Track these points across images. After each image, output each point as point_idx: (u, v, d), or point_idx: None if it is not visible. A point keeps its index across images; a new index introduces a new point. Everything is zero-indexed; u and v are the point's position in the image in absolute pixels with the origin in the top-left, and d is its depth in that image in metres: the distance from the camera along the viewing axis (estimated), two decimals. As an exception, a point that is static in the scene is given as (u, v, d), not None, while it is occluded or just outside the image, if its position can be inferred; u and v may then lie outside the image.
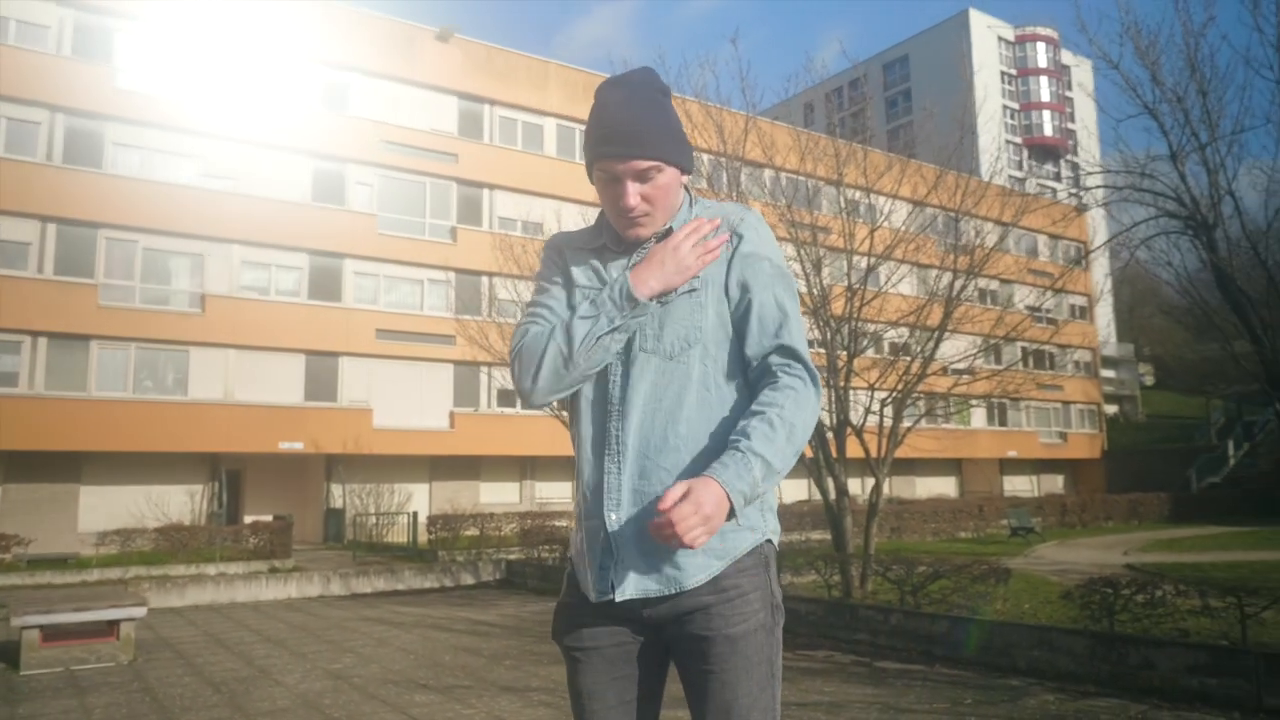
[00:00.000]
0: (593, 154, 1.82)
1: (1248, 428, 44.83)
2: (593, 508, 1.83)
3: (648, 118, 1.79)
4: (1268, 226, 8.27)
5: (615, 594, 1.77)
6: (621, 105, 1.80)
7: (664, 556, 1.76)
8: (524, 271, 19.14)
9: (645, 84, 1.85)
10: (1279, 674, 6.80)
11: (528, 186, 30.59)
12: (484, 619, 13.17)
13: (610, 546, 1.79)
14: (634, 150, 1.76)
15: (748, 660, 1.76)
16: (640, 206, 1.80)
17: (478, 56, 30.61)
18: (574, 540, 1.94)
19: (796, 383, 1.77)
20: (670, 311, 1.82)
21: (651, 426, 1.80)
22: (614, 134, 1.77)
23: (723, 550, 1.78)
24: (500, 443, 29.23)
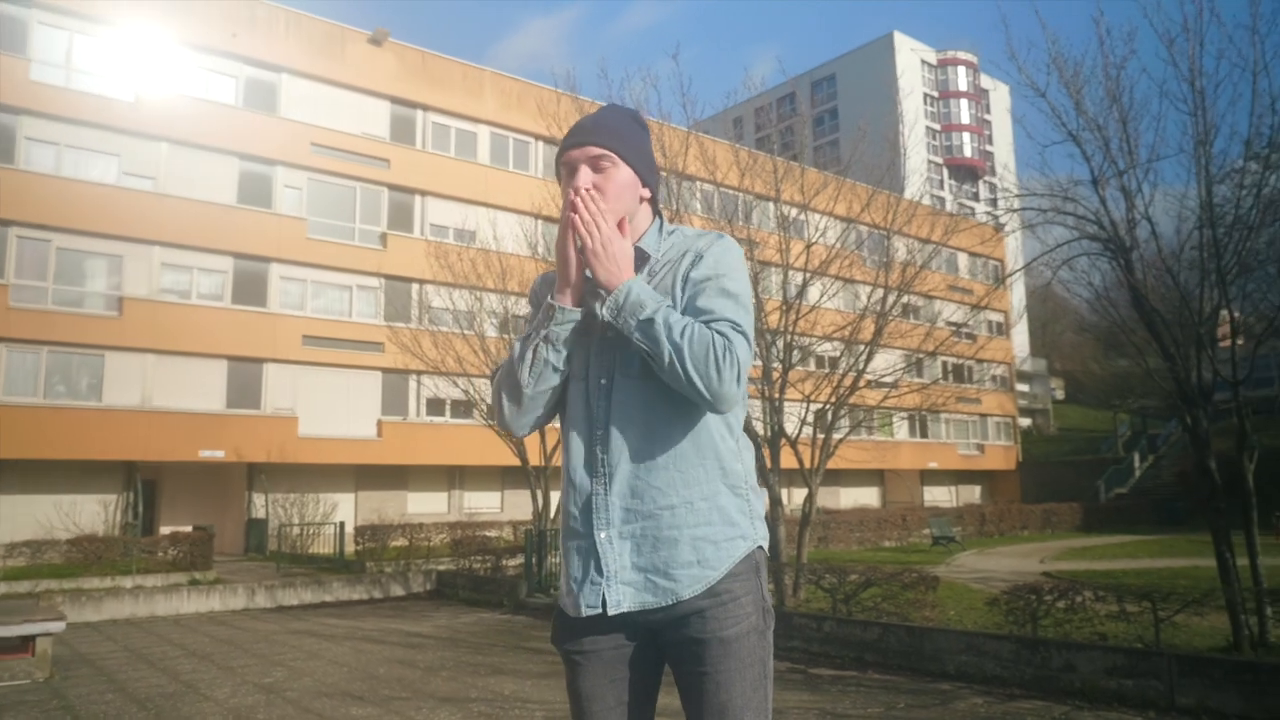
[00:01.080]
0: (558, 155, 1.97)
1: (1152, 440, 46.91)
2: (581, 527, 1.88)
3: (614, 122, 1.96)
4: (1180, 250, 8.77)
5: (609, 608, 1.82)
6: (593, 114, 2.00)
7: (658, 570, 1.83)
8: (458, 280, 19.02)
9: (624, 109, 2.03)
10: (1190, 674, 7.18)
11: (461, 194, 30.35)
12: (417, 630, 13.01)
13: (601, 563, 1.85)
14: (590, 137, 1.91)
15: (741, 662, 1.83)
16: (588, 192, 1.85)
17: (412, 61, 30.31)
18: (562, 560, 2.00)
19: (719, 334, 1.75)
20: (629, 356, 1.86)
21: (637, 446, 1.85)
22: (576, 129, 1.95)
23: (716, 560, 1.85)
24: (429, 452, 28.86)
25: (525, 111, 31.96)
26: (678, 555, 1.83)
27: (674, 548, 1.83)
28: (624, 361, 1.87)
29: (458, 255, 19.03)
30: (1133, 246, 8.66)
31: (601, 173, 1.90)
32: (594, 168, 1.90)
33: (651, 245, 1.96)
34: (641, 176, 1.95)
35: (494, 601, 15.94)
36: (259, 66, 27.20)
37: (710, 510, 1.86)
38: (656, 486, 1.84)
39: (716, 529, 1.86)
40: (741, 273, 1.90)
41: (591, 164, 1.90)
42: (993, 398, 47.01)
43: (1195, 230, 8.64)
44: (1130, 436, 49.39)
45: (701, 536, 1.85)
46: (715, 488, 1.88)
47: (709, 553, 1.84)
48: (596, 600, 1.84)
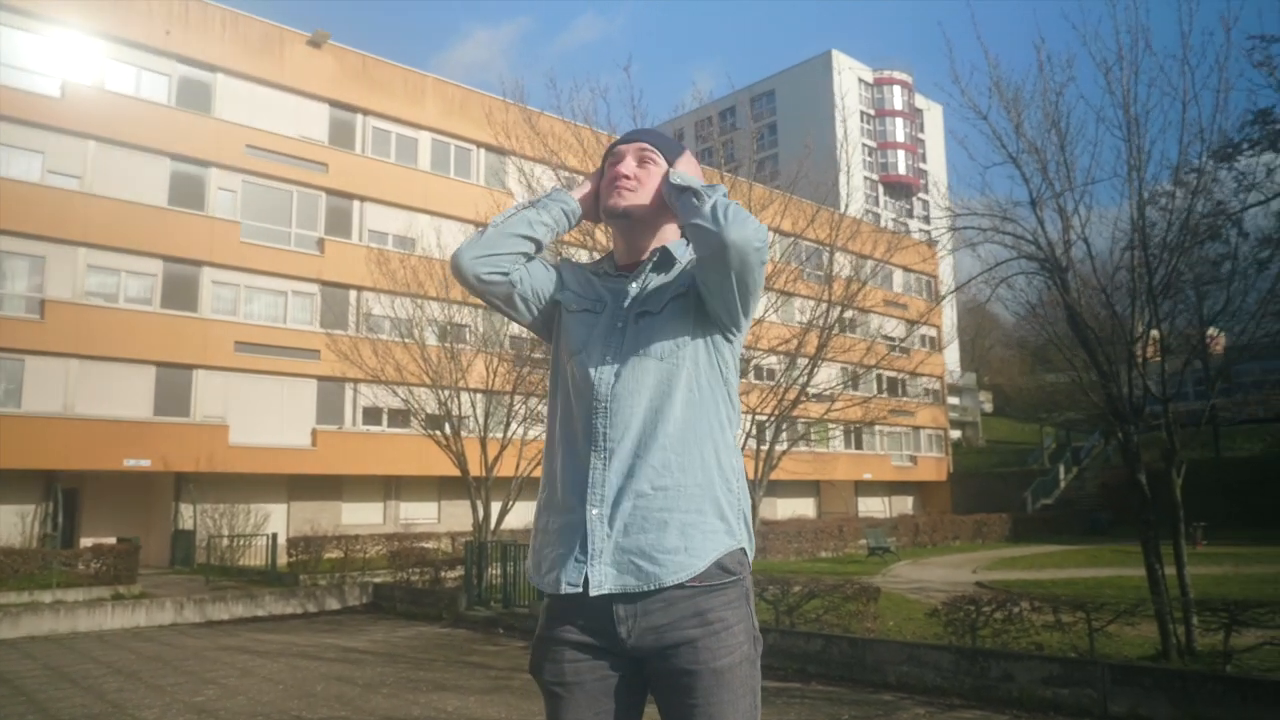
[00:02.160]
0: (608, 152, 2.13)
1: (1075, 453, 48.38)
2: (569, 500, 1.87)
3: (660, 134, 2.16)
4: (1113, 271, 9.08)
5: (591, 588, 1.78)
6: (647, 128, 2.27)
7: (643, 553, 1.80)
8: (400, 287, 18.74)
9: (667, 133, 2.22)
10: (1123, 683, 7.41)
11: (401, 200, 29.95)
12: (354, 646, 12.73)
13: (587, 540, 1.81)
14: (639, 136, 2.11)
15: (733, 693, 1.79)
16: (631, 176, 2.03)
17: (352, 65, 29.85)
18: (537, 534, 1.97)
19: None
20: (661, 317, 1.93)
21: (641, 425, 1.86)
22: (627, 135, 2.14)
23: (702, 549, 1.82)
24: (365, 462, 28.33)
25: (468, 119, 31.73)
26: (665, 539, 1.80)
27: (663, 531, 1.81)
28: (635, 342, 1.92)
29: (400, 262, 18.75)
30: (1068, 266, 8.93)
31: (643, 165, 2.05)
32: (638, 159, 2.05)
33: (679, 251, 2.05)
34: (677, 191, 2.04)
35: (433, 615, 15.69)
36: (193, 65, 26.50)
37: (703, 498, 1.85)
38: (653, 466, 1.83)
39: (707, 519, 1.85)
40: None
41: (637, 155, 2.06)
42: (925, 411, 48.01)
43: (1126, 252, 8.95)
44: (1055, 449, 50.86)
45: (690, 523, 1.82)
46: (710, 476, 1.87)
47: (696, 540, 1.82)
48: (578, 578, 1.80)
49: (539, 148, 12.82)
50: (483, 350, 18.26)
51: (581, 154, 12.57)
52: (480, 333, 18.80)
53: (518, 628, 13.92)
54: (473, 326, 19.26)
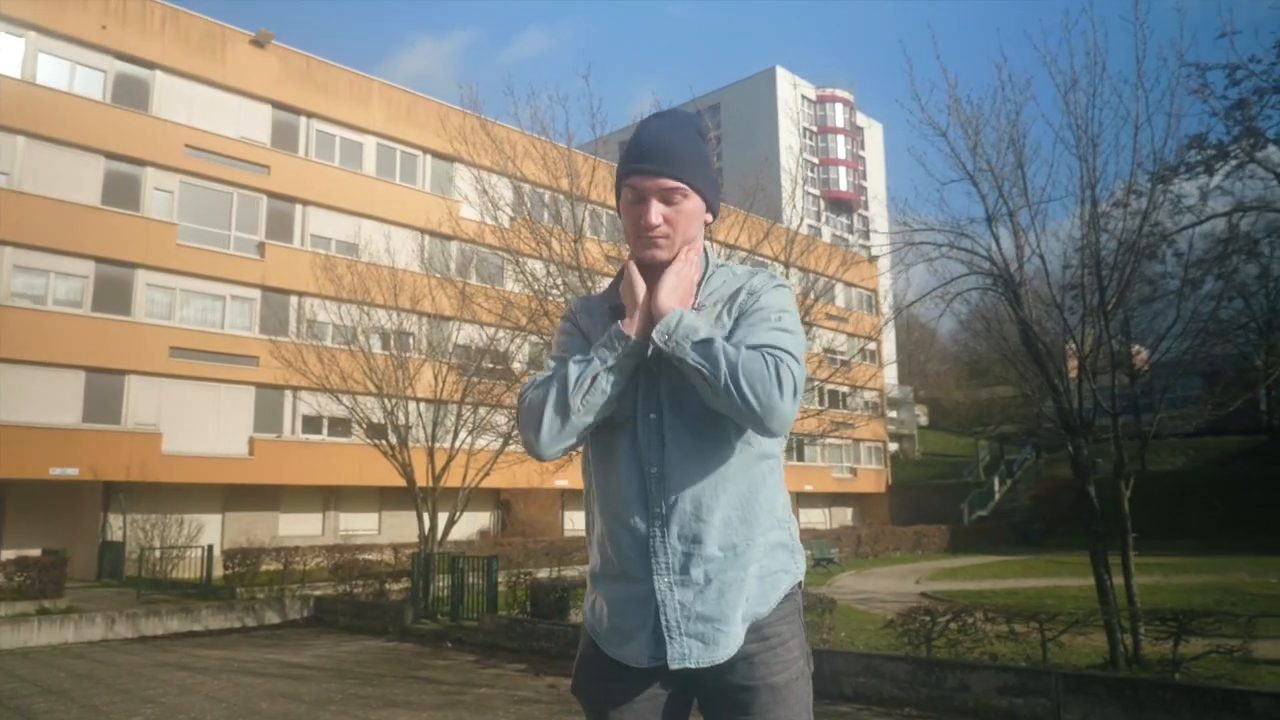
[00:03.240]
0: (623, 171, 1.85)
1: (1009, 466, 49.60)
2: (633, 571, 1.79)
3: (683, 144, 1.83)
4: (1065, 288, 9.31)
5: (672, 663, 1.73)
6: (659, 130, 1.85)
7: (723, 618, 1.75)
8: (346, 293, 18.36)
9: (687, 119, 1.90)
10: (1076, 691, 7.55)
11: (345, 205, 29.43)
12: (298, 661, 12.38)
13: (663, 613, 1.75)
14: (663, 168, 1.79)
15: (790, 709, 1.77)
16: (661, 227, 1.80)
17: (296, 66, 29.28)
18: (598, 602, 1.89)
19: (769, 358, 1.70)
20: (680, 392, 1.79)
21: (695, 486, 1.77)
22: (646, 152, 1.81)
23: (772, 598, 1.80)
24: (303, 471, 27.67)
25: (415, 124, 31.37)
26: (744, 595, 1.77)
27: (739, 590, 1.77)
28: (673, 400, 1.79)
29: (347, 268, 18.39)
30: (1022, 282, 9.13)
31: (673, 205, 1.82)
32: (665, 200, 1.81)
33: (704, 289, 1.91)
34: (708, 203, 1.88)
35: (378, 629, 15.35)
36: (130, 62, 25.71)
37: (767, 549, 1.82)
38: (717, 527, 1.76)
39: (774, 566, 1.83)
40: (794, 313, 1.86)
41: (663, 197, 1.81)
42: (864, 423, 48.78)
43: (1079, 270, 9.19)
44: (990, 461, 52.07)
45: (759, 575, 1.80)
46: (769, 523, 1.83)
47: (768, 591, 1.81)
48: (661, 652, 1.75)
49: (495, 155, 12.69)
50: (431, 358, 17.97)
51: (540, 162, 12.49)
52: (427, 341, 18.51)
53: (467, 641, 13.69)
54: (418, 335, 18.98)
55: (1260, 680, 7.78)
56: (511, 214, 14.22)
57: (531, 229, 12.71)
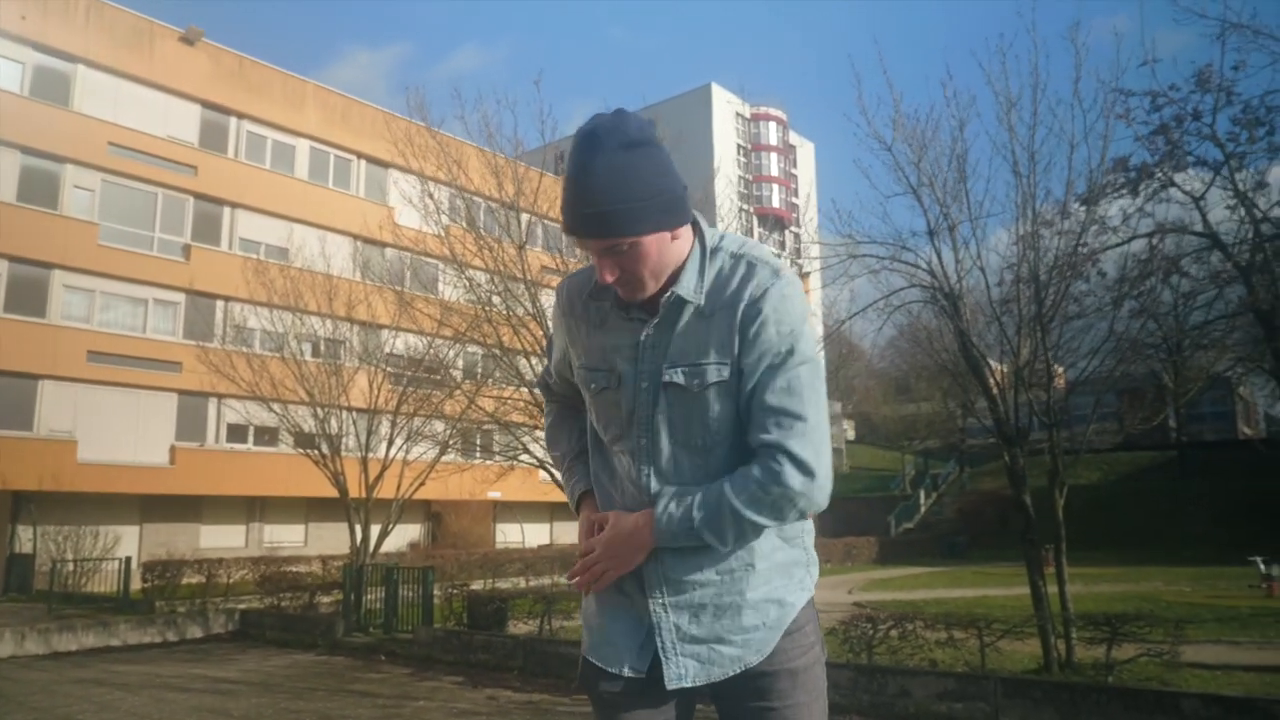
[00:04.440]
0: (562, 227, 1.71)
1: (934, 479, 50.77)
2: (625, 586, 1.76)
3: (609, 192, 1.58)
4: (1003, 300, 9.58)
5: (669, 683, 1.70)
6: (578, 177, 1.61)
7: (722, 639, 1.72)
8: (278, 299, 17.91)
9: (610, 142, 1.60)
10: (1013, 696, 7.72)
11: (275, 209, 28.73)
12: (224, 676, 11.95)
13: (658, 634, 1.72)
14: (591, 231, 1.61)
15: (809, 694, 1.76)
16: (620, 276, 1.65)
17: (227, 65, 28.54)
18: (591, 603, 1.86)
19: (766, 473, 1.63)
20: (698, 402, 1.69)
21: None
22: (572, 216, 1.62)
23: (781, 618, 1.76)
24: (228, 481, 26.82)
25: (350, 129, 30.86)
26: (741, 621, 1.73)
27: (737, 614, 1.72)
28: (671, 431, 1.71)
29: (280, 273, 17.93)
30: (961, 295, 9.36)
31: (622, 256, 1.63)
32: (613, 256, 1.63)
33: (690, 287, 1.69)
34: (668, 226, 1.65)
35: (307, 642, 14.92)
36: (51, 54, 24.74)
37: (769, 570, 1.76)
38: (709, 550, 1.71)
39: (778, 588, 1.76)
40: (802, 322, 1.68)
41: (609, 254, 1.63)
42: (796, 436, 49.40)
43: (1013, 285, 9.46)
44: (916, 475, 53.19)
45: (764, 598, 1.74)
46: (772, 544, 1.76)
47: (773, 613, 1.75)
48: (644, 666, 1.73)
49: (441, 157, 12.54)
50: (366, 365, 17.63)
51: (485, 169, 12.38)
52: (364, 347, 18.16)
53: (401, 654, 13.40)
54: (350, 342, 18.61)
55: (1187, 682, 8.07)
56: (453, 220, 14.07)
57: (476, 236, 12.59)
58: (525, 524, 35.51)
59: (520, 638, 12.42)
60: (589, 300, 1.80)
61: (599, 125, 1.62)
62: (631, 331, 1.73)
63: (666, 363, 1.70)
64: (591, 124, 1.64)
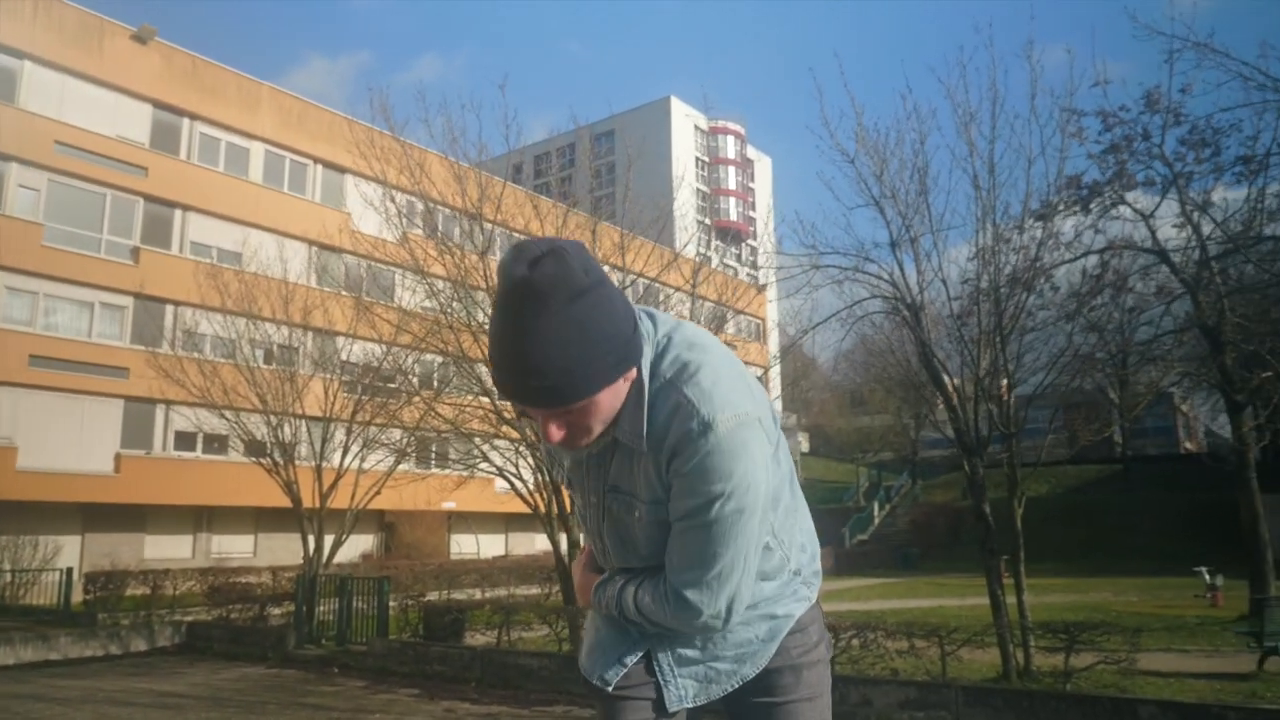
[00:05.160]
0: (499, 391, 1.53)
1: (887, 491, 51.35)
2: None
3: (559, 359, 1.41)
4: (962, 310, 9.71)
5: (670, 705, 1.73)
6: (524, 340, 1.41)
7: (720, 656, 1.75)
8: (233, 304, 17.52)
9: (557, 298, 1.40)
10: (975, 704, 7.78)
11: (229, 212, 28.18)
12: (172, 690, 11.61)
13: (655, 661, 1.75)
14: (540, 403, 1.46)
15: (813, 689, 1.78)
16: (566, 436, 1.54)
17: (181, 65, 27.97)
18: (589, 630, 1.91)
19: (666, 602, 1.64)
20: (632, 527, 1.68)
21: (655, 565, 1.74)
22: (518, 387, 1.45)
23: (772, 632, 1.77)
24: (174, 490, 26.14)
25: (306, 132, 30.45)
26: (736, 636, 1.75)
27: (725, 635, 1.74)
28: (615, 526, 1.72)
29: (235, 277, 17.57)
30: (922, 306, 9.46)
31: (571, 415, 1.50)
32: (561, 418, 1.51)
33: (627, 432, 1.58)
34: (621, 374, 1.51)
35: (257, 654, 14.57)
36: (-3, 48, 24.07)
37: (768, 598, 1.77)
38: None
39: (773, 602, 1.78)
40: (723, 479, 1.50)
41: (557, 417, 1.51)
42: (752, 448, 49.64)
43: (972, 299, 9.59)
44: (869, 487, 53.73)
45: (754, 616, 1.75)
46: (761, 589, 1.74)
47: (764, 628, 1.77)
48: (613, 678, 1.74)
49: (404, 160, 12.39)
50: (322, 372, 17.32)
51: (448, 174, 12.26)
52: (320, 352, 17.84)
53: (355, 666, 13.14)
54: (308, 348, 18.27)
55: (1142, 690, 8.20)
56: (413, 225, 13.91)
57: (437, 241, 12.46)
58: (480, 535, 35.16)
59: (478, 649, 12.26)
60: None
61: (540, 278, 1.39)
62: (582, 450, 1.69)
63: (608, 485, 1.70)
64: (528, 273, 1.40)
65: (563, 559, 12.99)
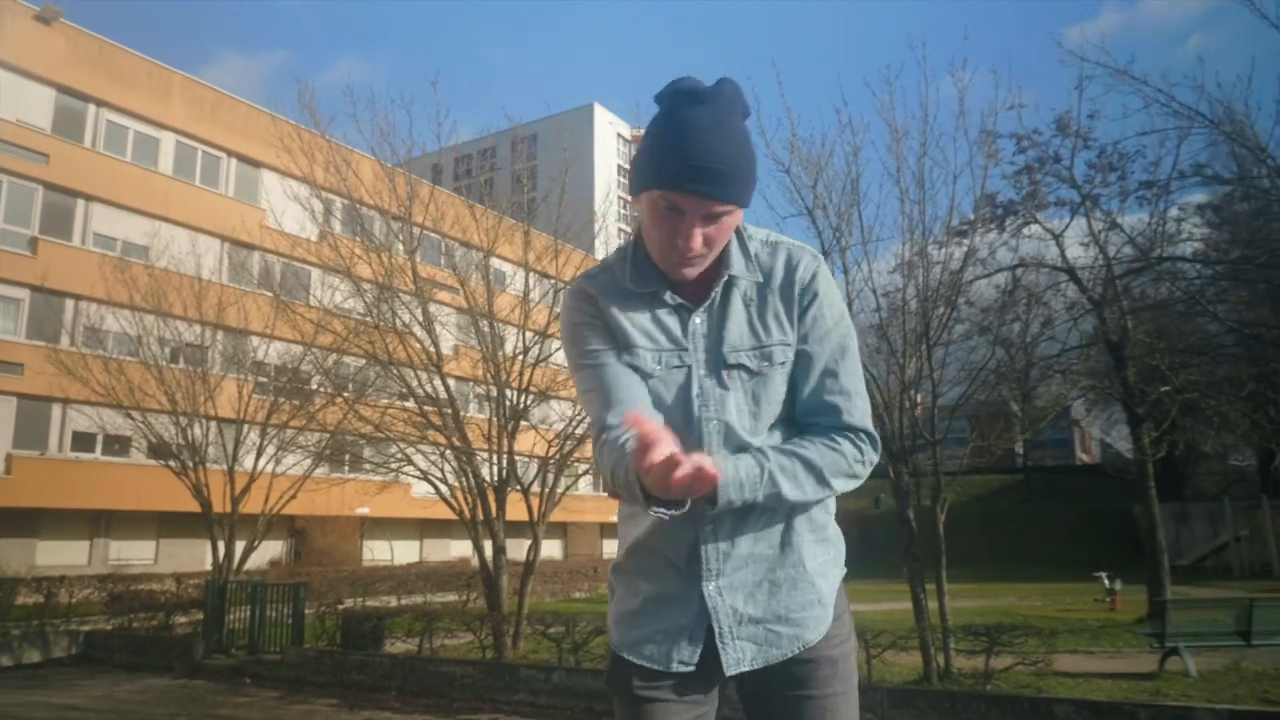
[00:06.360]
0: (664, 180, 1.56)
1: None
2: (673, 572, 1.67)
3: (737, 153, 1.56)
4: (888, 317, 9.96)
5: (728, 669, 1.63)
6: (709, 132, 1.54)
7: (780, 618, 1.66)
8: (141, 300, 16.77)
9: (733, 106, 1.59)
10: (900, 705, 7.95)
11: (136, 204, 27.02)
12: (70, 703, 11.03)
13: (715, 619, 1.64)
14: (716, 192, 1.55)
15: (846, 684, 1.71)
16: (700, 250, 1.60)
17: (87, 49, 26.73)
18: (628, 600, 1.74)
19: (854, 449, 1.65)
20: (765, 382, 1.66)
21: None
22: (700, 170, 1.53)
23: (829, 593, 1.72)
24: (70, 494, 24.88)
25: (220, 124, 29.47)
26: (797, 596, 1.68)
27: (793, 589, 1.68)
28: (735, 400, 1.65)
29: (145, 272, 16.85)
30: (853, 315, 9.67)
31: (716, 224, 1.60)
32: (710, 220, 1.59)
33: (742, 267, 1.70)
34: (749, 202, 1.66)
35: (161, 665, 13.95)
36: (-118, 23, 22.65)
37: (817, 543, 1.73)
38: (768, 523, 1.66)
39: (826, 561, 1.74)
40: (844, 309, 1.74)
41: (709, 218, 1.58)
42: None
43: (901, 307, 9.85)
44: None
45: (816, 570, 1.70)
46: (821, 517, 1.74)
47: (824, 588, 1.71)
48: (693, 657, 1.64)
49: (331, 156, 12.08)
50: (237, 372, 16.74)
51: (379, 173, 12.02)
52: (233, 350, 17.25)
53: (268, 676, 12.69)
54: (224, 346, 17.65)
55: (1056, 690, 8.52)
56: (331, 224, 13.59)
57: (363, 240, 12.19)
58: (394, 541, 34.46)
59: (399, 657, 11.99)
60: (620, 294, 1.71)
61: (724, 89, 1.59)
62: (677, 320, 1.69)
63: (726, 346, 1.67)
64: (714, 86, 1.59)
65: (487, 564, 12.83)
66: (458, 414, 12.52)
